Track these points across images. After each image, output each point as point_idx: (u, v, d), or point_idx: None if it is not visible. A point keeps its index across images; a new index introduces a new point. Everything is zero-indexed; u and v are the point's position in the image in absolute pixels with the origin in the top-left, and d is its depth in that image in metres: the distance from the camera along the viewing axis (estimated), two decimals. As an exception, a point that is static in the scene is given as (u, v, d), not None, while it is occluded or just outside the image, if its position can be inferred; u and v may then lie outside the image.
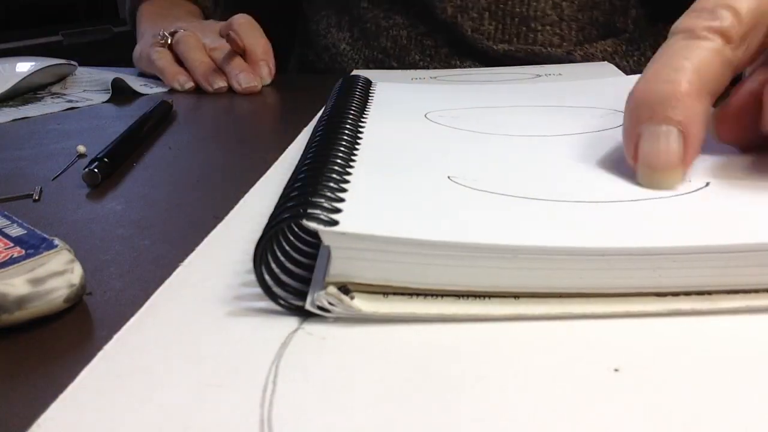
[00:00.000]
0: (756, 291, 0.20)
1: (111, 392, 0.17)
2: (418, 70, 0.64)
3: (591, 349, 0.19)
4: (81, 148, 0.42)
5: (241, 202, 0.30)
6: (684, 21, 0.26)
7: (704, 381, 0.17)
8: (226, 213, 0.29)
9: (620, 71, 0.55)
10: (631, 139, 0.25)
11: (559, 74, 0.56)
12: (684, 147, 0.24)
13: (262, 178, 0.33)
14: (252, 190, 0.32)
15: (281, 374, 0.18)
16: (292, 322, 0.20)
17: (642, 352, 0.18)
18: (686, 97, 0.24)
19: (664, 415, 0.16)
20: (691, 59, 0.24)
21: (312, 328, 0.20)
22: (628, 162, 0.25)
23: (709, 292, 0.20)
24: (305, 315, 0.20)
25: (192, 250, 0.25)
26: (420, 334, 0.20)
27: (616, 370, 0.18)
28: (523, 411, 0.16)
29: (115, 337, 0.20)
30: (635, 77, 0.26)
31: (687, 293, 0.20)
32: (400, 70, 0.66)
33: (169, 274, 0.23)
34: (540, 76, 0.55)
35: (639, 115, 0.25)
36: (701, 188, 0.24)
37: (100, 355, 0.19)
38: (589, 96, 0.42)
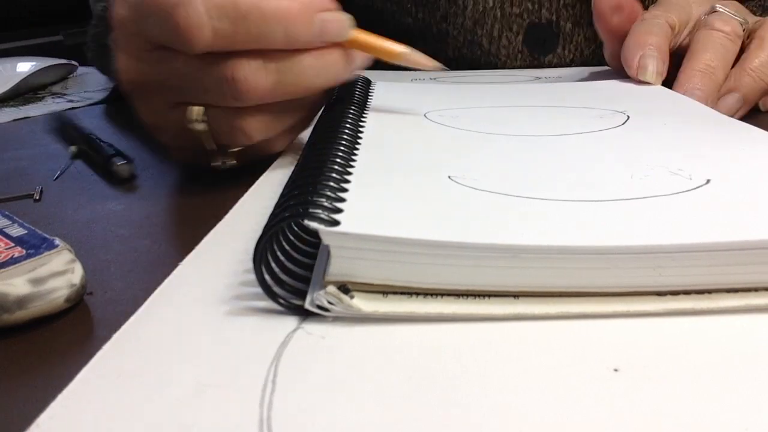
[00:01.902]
0: (756, 289, 0.20)
1: (111, 392, 0.17)
2: (418, 71, 0.64)
3: (591, 349, 0.19)
4: (73, 149, 0.42)
5: (241, 201, 0.30)
6: None
7: (704, 381, 0.17)
8: (226, 213, 0.29)
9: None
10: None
11: (559, 77, 0.56)
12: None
13: (261, 178, 0.33)
14: (252, 190, 0.32)
15: (281, 374, 0.18)
16: (291, 321, 0.20)
17: (642, 352, 0.18)
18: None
19: (664, 415, 0.16)
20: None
21: (311, 328, 0.20)
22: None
23: (709, 291, 0.20)
24: (305, 314, 0.20)
25: (192, 250, 0.25)
26: (420, 334, 0.20)
27: (616, 370, 0.18)
28: (523, 411, 0.16)
29: (115, 337, 0.20)
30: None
31: (687, 292, 0.20)
32: (399, 71, 0.66)
33: (169, 274, 0.23)
34: (540, 78, 0.55)
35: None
36: (701, 186, 0.24)
37: (99, 355, 0.19)
38: (589, 96, 0.42)
